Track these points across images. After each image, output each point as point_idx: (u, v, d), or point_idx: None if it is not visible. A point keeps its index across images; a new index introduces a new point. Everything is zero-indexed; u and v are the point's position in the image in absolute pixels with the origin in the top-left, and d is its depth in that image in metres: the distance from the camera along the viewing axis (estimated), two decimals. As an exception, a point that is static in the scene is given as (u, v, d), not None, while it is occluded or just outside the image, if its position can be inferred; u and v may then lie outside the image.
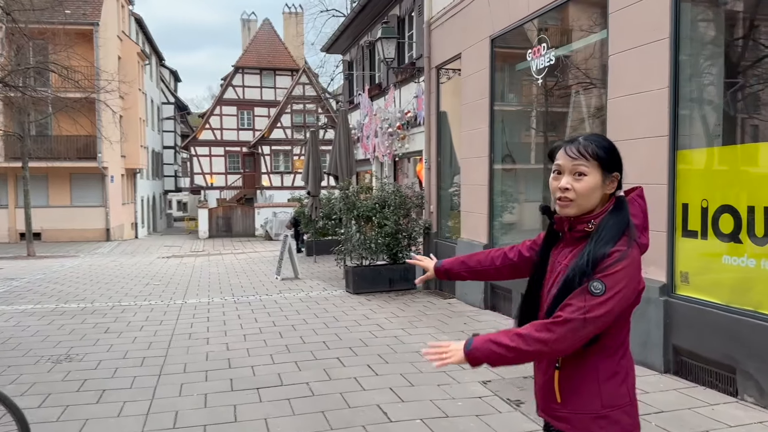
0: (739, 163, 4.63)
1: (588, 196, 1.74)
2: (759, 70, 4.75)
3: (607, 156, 1.74)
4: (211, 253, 22.00)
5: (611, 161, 1.74)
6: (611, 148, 1.76)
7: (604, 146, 1.75)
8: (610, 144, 1.76)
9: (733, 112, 4.93)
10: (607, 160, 1.74)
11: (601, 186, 1.74)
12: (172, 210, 55.27)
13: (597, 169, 1.72)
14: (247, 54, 38.76)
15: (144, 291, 11.43)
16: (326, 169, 13.11)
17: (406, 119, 12.17)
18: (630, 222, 1.73)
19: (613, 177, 1.75)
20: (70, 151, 25.31)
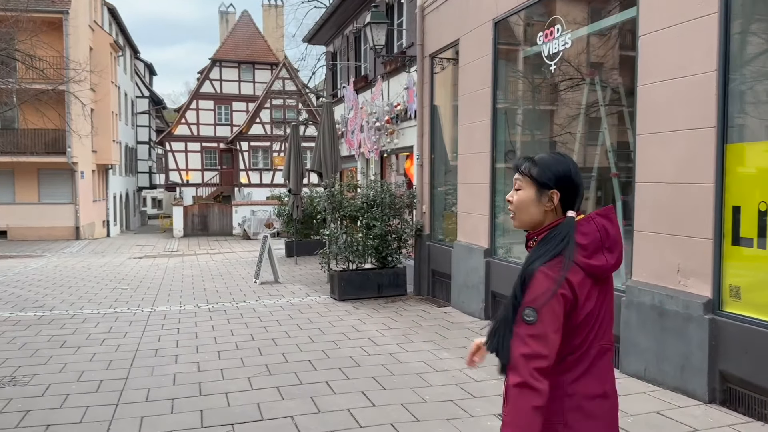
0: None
1: (523, 210, 1.82)
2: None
3: (538, 172, 1.78)
4: (185, 253, 21.00)
5: (544, 178, 1.77)
6: (546, 166, 1.78)
7: (540, 163, 1.79)
8: (550, 162, 1.79)
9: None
10: (539, 177, 1.78)
11: (535, 201, 1.79)
12: (147, 207, 53.76)
13: (530, 185, 1.79)
14: (225, 47, 37.64)
15: (110, 296, 10.50)
16: (309, 166, 12.27)
17: (395, 113, 11.40)
18: (565, 240, 1.71)
19: (550, 194, 1.77)
20: (38, 146, 24.05)
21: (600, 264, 1.72)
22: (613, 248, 1.75)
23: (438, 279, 9.33)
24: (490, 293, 7.53)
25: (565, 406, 1.72)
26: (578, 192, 1.79)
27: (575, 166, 1.81)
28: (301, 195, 15.78)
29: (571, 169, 1.79)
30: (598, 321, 1.75)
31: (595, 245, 1.73)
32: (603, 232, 1.74)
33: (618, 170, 5.83)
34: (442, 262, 9.01)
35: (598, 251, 1.73)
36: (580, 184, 1.80)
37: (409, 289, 9.95)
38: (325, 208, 10.95)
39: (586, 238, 1.72)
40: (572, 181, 1.78)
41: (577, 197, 1.79)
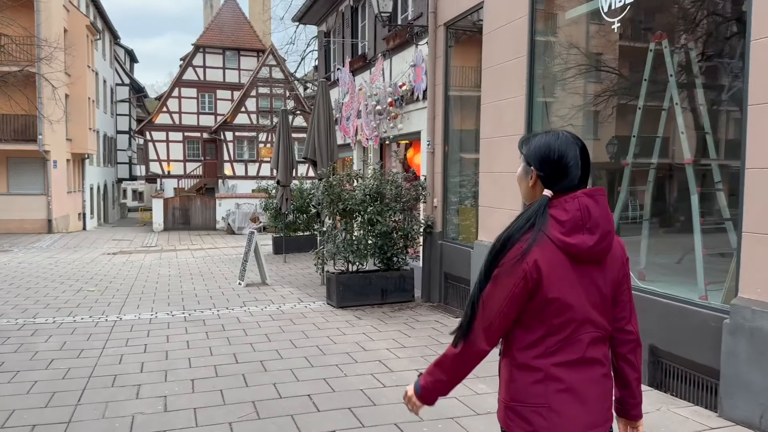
0: None
1: (519, 184, 1.85)
2: None
3: (525, 149, 1.80)
4: (164, 248, 19.56)
5: (528, 154, 1.79)
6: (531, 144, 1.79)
7: (530, 141, 1.80)
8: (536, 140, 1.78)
9: None
10: (525, 153, 1.80)
11: (523, 178, 1.81)
12: (127, 200, 51.98)
13: (521, 161, 1.82)
14: (209, 32, 35.95)
15: (72, 300, 9.12)
16: (303, 154, 10.95)
17: (399, 94, 10.09)
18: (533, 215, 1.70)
19: (531, 171, 1.77)
20: (6, 132, 22.39)
21: (576, 242, 1.67)
22: (594, 229, 1.68)
23: (452, 284, 8.07)
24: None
25: (549, 389, 1.69)
26: (560, 173, 1.72)
27: (569, 146, 1.73)
28: (290, 187, 14.45)
29: (553, 149, 1.74)
30: (585, 306, 1.70)
31: (574, 223, 1.67)
32: (585, 212, 1.68)
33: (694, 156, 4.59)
34: (457, 265, 7.75)
35: (576, 230, 1.67)
36: (564, 165, 1.73)
37: (416, 294, 8.69)
38: (320, 202, 9.67)
39: (566, 215, 1.68)
40: (551, 160, 1.74)
41: (559, 178, 1.73)
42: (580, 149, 1.75)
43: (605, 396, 1.76)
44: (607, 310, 1.75)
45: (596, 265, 1.71)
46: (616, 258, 1.77)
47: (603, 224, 1.68)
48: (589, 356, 1.71)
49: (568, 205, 1.69)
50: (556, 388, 1.69)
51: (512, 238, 1.68)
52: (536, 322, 1.69)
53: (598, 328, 1.73)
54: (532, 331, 1.70)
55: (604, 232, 1.68)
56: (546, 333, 1.69)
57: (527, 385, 1.70)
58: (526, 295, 1.66)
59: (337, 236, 8.39)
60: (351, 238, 8.44)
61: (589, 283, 1.70)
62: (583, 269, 1.69)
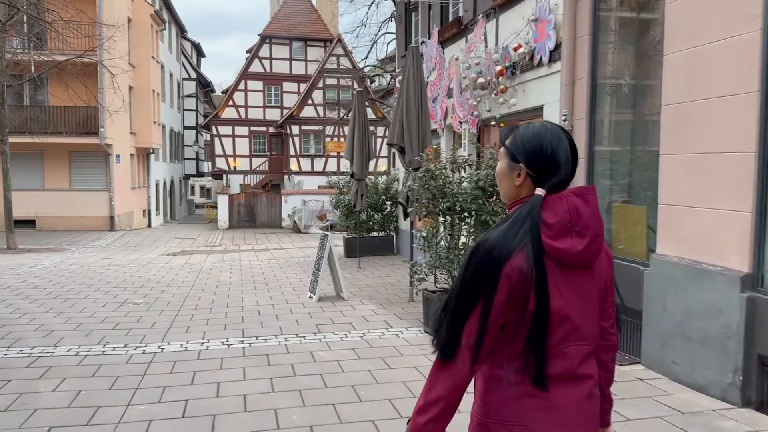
0: None
1: (500, 182, 1.69)
2: None
3: (511, 143, 1.62)
4: (227, 248, 18.08)
5: (513, 150, 1.61)
6: (519, 138, 1.60)
7: (516, 134, 1.62)
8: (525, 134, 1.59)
9: None
10: (511, 148, 1.62)
11: (507, 174, 1.64)
12: (195, 196, 51.80)
13: (504, 156, 1.65)
14: (275, 22, 34.61)
15: (110, 319, 7.46)
16: (388, 139, 8.93)
17: (511, 60, 7.93)
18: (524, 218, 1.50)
19: (519, 168, 1.59)
20: (67, 125, 21.52)
21: (564, 247, 1.50)
22: (584, 232, 1.52)
23: (601, 311, 5.86)
24: (756, 359, 4.03)
25: (526, 406, 1.51)
26: (552, 171, 1.54)
27: (560, 140, 1.55)
28: (365, 181, 12.53)
29: (545, 143, 1.56)
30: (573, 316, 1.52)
31: (563, 226, 1.50)
32: (574, 213, 1.52)
33: None
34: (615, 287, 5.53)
35: (565, 233, 1.51)
36: (555, 161, 1.54)
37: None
38: (411, 197, 7.66)
39: (554, 217, 1.51)
40: (543, 158, 1.55)
41: (550, 176, 1.54)
42: (570, 143, 1.58)
43: (592, 417, 1.57)
44: (596, 320, 1.60)
45: (585, 270, 1.55)
46: (603, 261, 1.61)
47: (593, 227, 1.54)
48: (577, 372, 1.53)
49: (556, 207, 1.52)
50: (534, 405, 1.50)
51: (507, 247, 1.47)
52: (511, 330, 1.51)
53: (586, 340, 1.56)
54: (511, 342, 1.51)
55: (594, 235, 1.54)
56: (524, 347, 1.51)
57: (503, 400, 1.52)
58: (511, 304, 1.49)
59: (439, 243, 6.32)
60: (457, 245, 6.35)
61: (577, 291, 1.54)
62: (571, 276, 1.52)
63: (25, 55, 17.90)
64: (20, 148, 21.52)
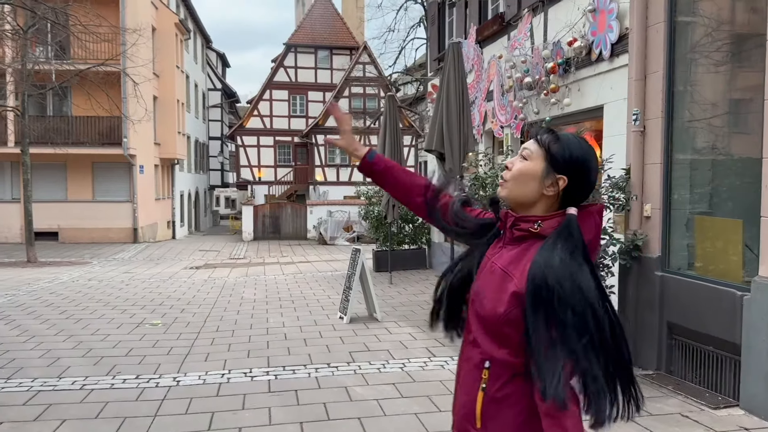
0: None
1: (521, 182, 1.53)
2: None
3: (557, 149, 1.49)
4: (252, 261, 17.45)
5: (561, 159, 1.48)
6: (567, 146, 1.48)
7: (562, 140, 1.50)
8: (573, 143, 1.48)
9: None
10: (557, 155, 1.49)
11: (539, 179, 1.50)
12: (220, 207, 51.62)
13: (541, 159, 1.51)
14: (300, 30, 34.18)
15: (124, 343, 6.79)
16: (425, 145, 8.17)
17: (563, 57, 7.14)
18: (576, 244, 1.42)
19: (558, 178, 1.48)
20: (90, 135, 21.20)
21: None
22: (595, 251, 1.52)
23: (685, 343, 5.01)
24: None
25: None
26: (589, 188, 1.51)
27: (596, 161, 1.51)
28: (397, 191, 11.76)
29: (590, 160, 1.50)
30: None
31: (594, 244, 1.51)
32: (598, 231, 1.53)
33: None
34: (701, 314, 4.69)
35: (594, 250, 1.50)
36: (594, 181, 1.52)
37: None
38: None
39: (587, 235, 1.47)
40: (587, 173, 1.49)
41: (585, 193, 1.51)
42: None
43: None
44: None
45: None
46: None
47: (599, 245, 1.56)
48: None
49: (587, 224, 1.47)
50: None
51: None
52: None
53: None
54: None
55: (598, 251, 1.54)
56: None
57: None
58: None
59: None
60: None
61: None
62: None
63: (47, 63, 17.55)
64: (43, 159, 21.28)
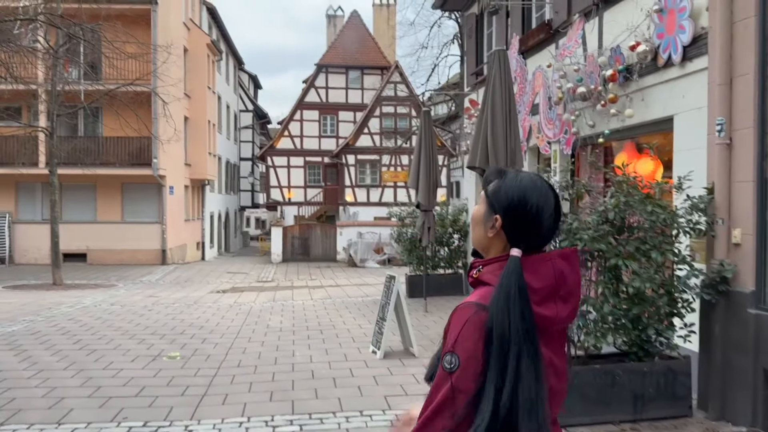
0: None
1: (473, 226, 1.54)
2: None
3: (491, 189, 1.48)
4: (279, 285, 16.86)
5: (494, 198, 1.47)
6: (502, 186, 1.46)
7: (502, 181, 1.47)
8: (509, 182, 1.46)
9: None
10: (491, 194, 1.48)
11: (482, 221, 1.50)
12: (250, 228, 51.48)
13: (484, 201, 1.52)
14: (331, 51, 33.98)
15: (136, 380, 6.17)
16: (468, 161, 7.46)
17: (623, 63, 6.39)
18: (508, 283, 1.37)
19: (494, 219, 1.46)
20: (120, 156, 21.03)
21: (549, 315, 1.40)
22: (568, 298, 1.43)
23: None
24: None
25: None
26: (533, 229, 1.43)
27: (547, 199, 1.43)
28: (433, 213, 11.06)
29: (530, 203, 1.42)
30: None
31: (549, 291, 1.40)
32: (560, 278, 1.42)
33: None
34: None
35: (550, 299, 1.41)
36: (538, 224, 1.43)
37: (692, 402, 4.82)
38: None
39: (540, 282, 1.40)
40: (523, 212, 1.42)
41: (529, 235, 1.43)
42: (556, 200, 1.46)
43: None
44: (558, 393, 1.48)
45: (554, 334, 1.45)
46: None
47: (576, 292, 1.46)
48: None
49: (541, 270, 1.41)
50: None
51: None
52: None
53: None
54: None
55: (577, 301, 1.46)
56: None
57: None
58: None
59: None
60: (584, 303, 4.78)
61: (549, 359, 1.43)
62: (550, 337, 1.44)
63: (76, 84, 17.43)
64: (73, 179, 21.19)
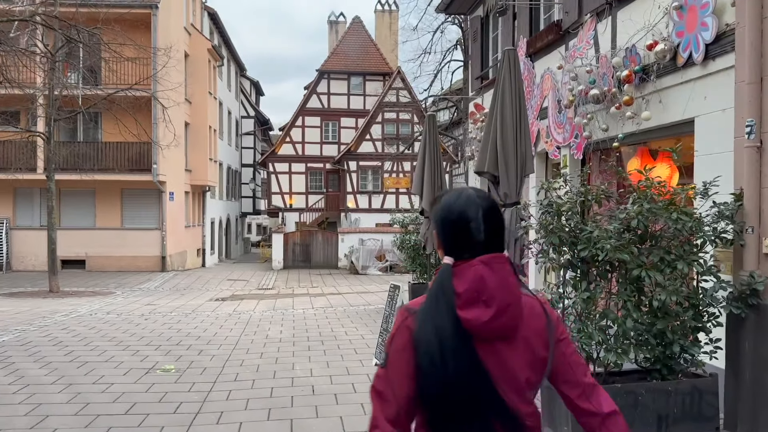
0: None
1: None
2: None
3: (432, 209, 1.64)
4: (280, 292, 16.53)
5: (433, 217, 1.62)
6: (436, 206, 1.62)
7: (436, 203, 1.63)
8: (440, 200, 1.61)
9: None
10: (432, 215, 1.64)
11: (436, 237, 1.62)
12: (251, 234, 51.18)
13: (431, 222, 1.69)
14: (333, 57, 33.75)
15: (127, 396, 5.84)
16: (476, 167, 7.16)
17: (639, 63, 6.09)
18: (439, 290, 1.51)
19: (434, 234, 1.62)
20: (121, 161, 20.75)
21: (471, 318, 1.47)
22: (490, 302, 1.47)
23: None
24: None
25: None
26: (459, 237, 1.53)
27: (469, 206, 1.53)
28: (437, 219, 10.70)
29: (451, 210, 1.56)
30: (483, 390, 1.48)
31: (470, 295, 1.48)
32: (480, 282, 1.48)
33: None
34: None
35: (472, 302, 1.47)
36: (462, 228, 1.53)
37: (719, 423, 4.49)
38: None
39: (462, 286, 1.49)
40: (445, 224, 1.56)
41: (458, 243, 1.53)
42: (485, 210, 1.54)
43: None
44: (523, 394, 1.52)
45: (503, 341, 1.49)
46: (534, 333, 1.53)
47: (500, 296, 1.47)
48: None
49: (465, 275, 1.49)
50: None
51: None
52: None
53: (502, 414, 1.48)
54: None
55: (503, 305, 1.47)
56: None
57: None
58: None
59: (577, 309, 4.43)
60: (593, 311, 4.45)
61: (502, 366, 1.48)
62: (486, 347, 1.47)
63: (74, 88, 17.18)
64: (72, 185, 20.92)
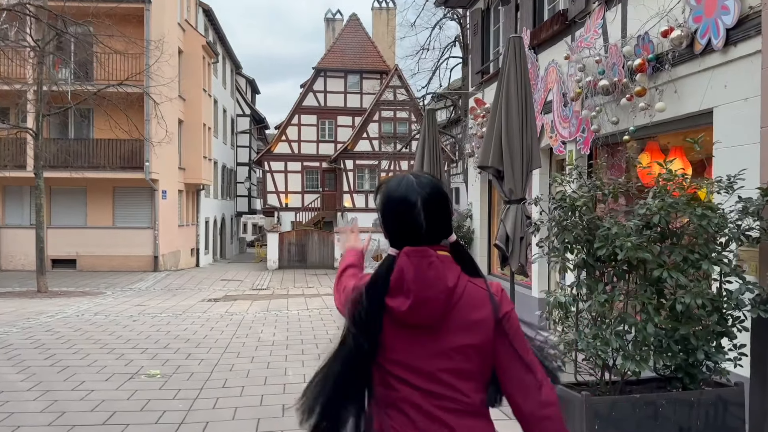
0: None
1: None
2: None
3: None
4: (275, 292, 16.16)
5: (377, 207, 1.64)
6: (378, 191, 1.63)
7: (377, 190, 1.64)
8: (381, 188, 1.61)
9: None
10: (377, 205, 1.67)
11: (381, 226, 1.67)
12: (247, 234, 50.74)
13: None
14: (330, 54, 33.37)
15: (106, 404, 5.47)
16: (479, 161, 6.81)
17: (652, 52, 5.75)
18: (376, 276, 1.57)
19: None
20: (112, 159, 20.33)
21: (392, 306, 1.52)
22: (408, 293, 1.50)
23: None
24: None
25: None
26: (399, 226, 1.55)
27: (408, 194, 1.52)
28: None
29: (390, 199, 1.57)
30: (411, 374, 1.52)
31: (395, 283, 1.52)
32: (399, 274, 1.51)
33: None
34: None
35: (398, 291, 1.52)
36: (397, 221, 1.55)
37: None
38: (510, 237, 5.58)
39: (393, 275, 1.53)
40: (385, 213, 1.58)
41: (398, 232, 1.56)
42: (425, 198, 1.52)
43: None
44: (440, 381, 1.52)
45: (427, 331, 1.52)
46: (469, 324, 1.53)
47: (416, 289, 1.49)
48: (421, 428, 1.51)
49: (398, 263, 1.53)
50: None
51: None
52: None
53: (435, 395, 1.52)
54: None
55: (420, 297, 1.49)
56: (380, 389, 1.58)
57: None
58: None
59: (592, 314, 4.08)
60: (610, 316, 4.09)
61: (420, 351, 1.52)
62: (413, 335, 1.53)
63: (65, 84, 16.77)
64: (62, 183, 20.51)
